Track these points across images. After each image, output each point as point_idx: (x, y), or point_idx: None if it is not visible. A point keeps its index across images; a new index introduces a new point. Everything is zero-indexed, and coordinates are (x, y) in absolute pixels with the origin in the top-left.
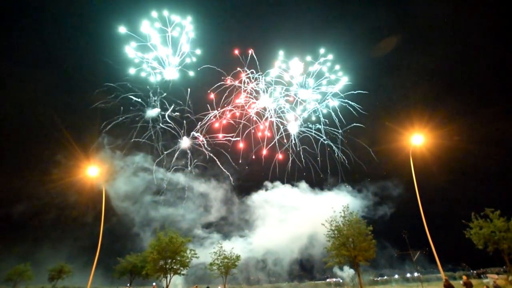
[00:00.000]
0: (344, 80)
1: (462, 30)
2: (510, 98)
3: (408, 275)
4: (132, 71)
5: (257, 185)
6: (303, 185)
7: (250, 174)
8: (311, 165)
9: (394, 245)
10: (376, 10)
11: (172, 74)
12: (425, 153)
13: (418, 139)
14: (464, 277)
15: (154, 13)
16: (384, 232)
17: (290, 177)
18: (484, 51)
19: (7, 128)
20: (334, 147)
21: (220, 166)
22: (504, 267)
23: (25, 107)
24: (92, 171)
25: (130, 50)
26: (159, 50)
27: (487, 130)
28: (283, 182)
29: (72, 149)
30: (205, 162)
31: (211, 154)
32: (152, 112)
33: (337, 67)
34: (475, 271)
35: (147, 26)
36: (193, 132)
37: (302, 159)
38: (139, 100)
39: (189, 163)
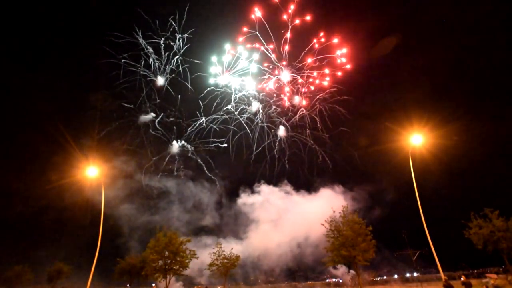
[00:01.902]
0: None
1: (461, 30)
2: (510, 98)
3: (408, 275)
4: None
5: (248, 188)
6: (295, 186)
7: (241, 177)
8: (301, 167)
9: (393, 245)
10: (375, 10)
11: (163, 81)
12: (424, 153)
13: (417, 139)
14: (463, 277)
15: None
16: (383, 232)
17: (282, 180)
18: (484, 51)
19: (5, 129)
20: (326, 149)
21: (207, 172)
22: (503, 266)
23: (24, 108)
24: (91, 172)
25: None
26: (151, 57)
27: (486, 130)
28: (274, 185)
29: (71, 150)
30: (195, 166)
31: (199, 160)
32: (145, 118)
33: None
34: (474, 271)
35: (140, 33)
36: (179, 141)
37: (286, 163)
38: (131, 106)
39: (175, 169)
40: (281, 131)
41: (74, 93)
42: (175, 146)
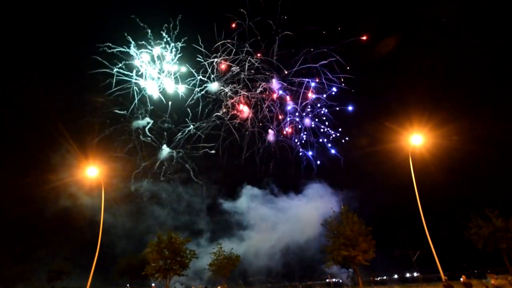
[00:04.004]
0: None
1: (461, 30)
2: (510, 98)
3: (408, 275)
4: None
5: (237, 191)
6: (284, 189)
7: (231, 181)
8: (290, 171)
9: (393, 245)
10: (375, 10)
11: (154, 88)
12: (424, 153)
13: (417, 139)
14: (463, 277)
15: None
16: (383, 232)
17: (272, 183)
18: (484, 51)
19: (4, 129)
20: (314, 153)
21: (196, 177)
22: (503, 267)
23: (24, 109)
24: (92, 172)
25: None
26: (143, 64)
27: (486, 130)
28: (264, 188)
29: (71, 151)
30: (185, 171)
31: (188, 166)
32: (138, 124)
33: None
34: (474, 271)
35: (133, 41)
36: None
37: (275, 167)
38: (125, 112)
39: (162, 174)
40: (271, 136)
41: (68, 101)
42: (166, 151)
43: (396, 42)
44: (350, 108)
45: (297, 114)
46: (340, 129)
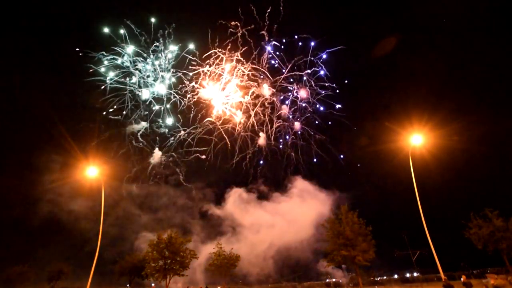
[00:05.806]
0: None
1: (461, 30)
2: (510, 98)
3: (408, 275)
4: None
5: (232, 193)
6: (275, 191)
7: (222, 184)
8: (282, 174)
9: (393, 245)
10: (375, 11)
11: (148, 93)
12: (424, 153)
13: (417, 139)
14: (463, 277)
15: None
16: (383, 232)
17: (264, 185)
18: (484, 51)
19: (4, 130)
20: (305, 156)
21: (183, 182)
22: (503, 267)
23: (23, 109)
24: (91, 172)
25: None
26: (138, 74)
27: (487, 130)
28: (255, 191)
29: (71, 151)
30: (177, 175)
31: (179, 170)
32: (131, 129)
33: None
34: (474, 271)
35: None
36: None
37: (262, 171)
38: (119, 117)
39: (151, 177)
40: (262, 140)
41: (64, 107)
42: (158, 156)
43: (396, 42)
44: (338, 106)
45: (290, 115)
46: (337, 130)
